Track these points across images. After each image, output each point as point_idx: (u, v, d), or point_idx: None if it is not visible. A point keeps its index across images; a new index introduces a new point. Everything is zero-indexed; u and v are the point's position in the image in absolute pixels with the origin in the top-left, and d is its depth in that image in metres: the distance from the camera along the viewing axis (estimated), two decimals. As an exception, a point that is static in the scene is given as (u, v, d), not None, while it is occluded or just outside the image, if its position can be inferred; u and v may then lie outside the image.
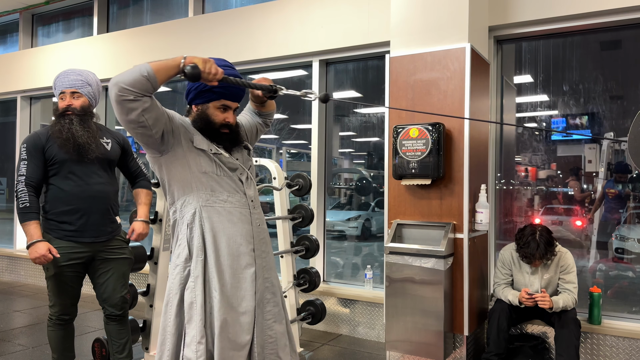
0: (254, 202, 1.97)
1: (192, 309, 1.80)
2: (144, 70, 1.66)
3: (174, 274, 1.86)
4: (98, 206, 2.68)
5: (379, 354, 3.71)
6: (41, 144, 2.62)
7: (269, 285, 1.96)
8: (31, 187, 2.57)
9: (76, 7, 6.34)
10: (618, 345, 3.24)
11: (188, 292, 1.81)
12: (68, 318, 2.74)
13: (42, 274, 5.95)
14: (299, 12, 4.40)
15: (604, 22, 3.41)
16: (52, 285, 2.66)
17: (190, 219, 1.85)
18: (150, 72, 1.67)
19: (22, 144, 2.65)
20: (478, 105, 3.29)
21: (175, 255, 1.87)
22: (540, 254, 3.05)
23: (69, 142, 2.60)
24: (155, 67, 1.68)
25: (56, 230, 2.63)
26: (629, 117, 3.47)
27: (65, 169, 2.63)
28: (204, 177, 1.86)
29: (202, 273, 1.82)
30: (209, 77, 1.74)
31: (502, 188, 3.84)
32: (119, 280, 2.75)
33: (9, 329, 4.18)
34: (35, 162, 2.60)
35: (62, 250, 2.60)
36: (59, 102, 2.70)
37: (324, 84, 4.49)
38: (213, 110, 1.90)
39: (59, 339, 2.75)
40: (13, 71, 6.39)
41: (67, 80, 2.68)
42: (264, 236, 1.98)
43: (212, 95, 1.89)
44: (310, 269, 3.77)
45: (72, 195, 2.63)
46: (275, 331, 1.96)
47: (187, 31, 5.05)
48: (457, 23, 3.18)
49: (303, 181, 3.72)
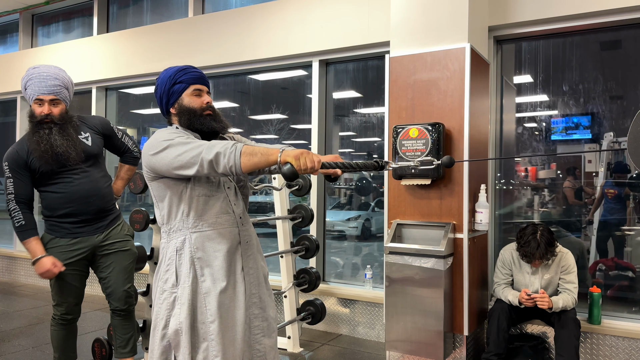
0: (242, 218, 1.96)
1: (178, 336, 1.81)
2: (232, 165, 1.63)
3: (160, 299, 1.86)
4: (92, 204, 2.69)
5: (379, 354, 3.71)
6: (22, 160, 2.58)
7: (256, 301, 1.96)
8: (23, 204, 2.57)
9: (76, 7, 6.34)
10: (618, 345, 3.24)
11: (173, 319, 1.82)
12: (71, 318, 2.75)
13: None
14: (299, 12, 4.40)
15: (604, 22, 3.41)
16: (56, 284, 2.67)
17: (180, 245, 1.85)
18: (237, 169, 1.63)
19: (3, 160, 2.59)
20: (478, 105, 3.29)
21: (163, 280, 1.87)
22: (540, 253, 3.05)
23: (47, 153, 2.54)
24: (245, 165, 1.63)
25: (57, 230, 2.67)
26: (629, 117, 3.47)
27: (52, 176, 2.63)
28: (194, 201, 1.84)
29: (188, 299, 1.81)
30: (306, 172, 1.65)
31: (502, 188, 3.84)
32: (121, 273, 2.76)
33: (9, 329, 4.18)
34: (21, 178, 2.58)
35: (63, 248, 2.63)
36: (35, 107, 2.59)
37: (324, 84, 4.49)
38: (189, 99, 1.90)
39: (61, 339, 2.76)
40: (13, 71, 6.39)
41: (44, 85, 2.56)
42: (252, 252, 1.98)
43: (180, 86, 1.90)
44: (310, 269, 3.77)
45: (65, 199, 2.64)
46: (264, 345, 1.98)
47: (187, 31, 5.05)
48: (457, 23, 3.18)
49: (303, 181, 3.72)
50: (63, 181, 2.64)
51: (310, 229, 4.36)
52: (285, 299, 3.71)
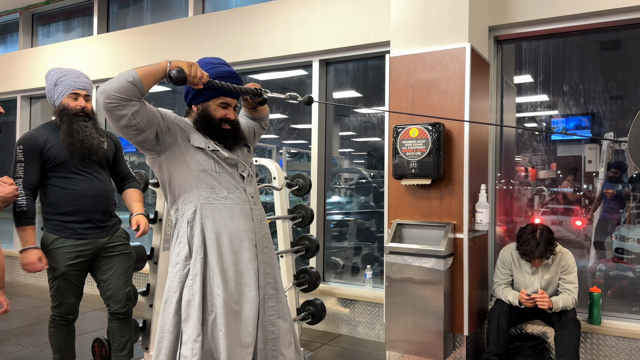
0: (254, 198, 1.98)
1: (189, 307, 1.80)
2: (129, 77, 1.68)
3: (173, 272, 1.86)
4: (100, 204, 2.69)
5: (379, 354, 3.71)
6: (38, 147, 2.58)
7: (270, 281, 1.96)
8: (29, 191, 2.55)
9: (76, 7, 6.34)
10: (618, 345, 3.24)
11: (186, 290, 1.81)
12: (72, 318, 2.74)
13: (40, 274, 5.94)
14: (299, 12, 4.40)
15: (604, 22, 3.41)
16: (58, 285, 2.64)
17: (191, 217, 1.85)
18: (136, 78, 1.68)
19: (17, 144, 2.59)
20: (478, 105, 3.29)
21: (175, 253, 1.87)
22: (539, 252, 3.05)
23: (83, 143, 2.58)
24: (142, 73, 1.70)
25: (63, 230, 2.62)
26: (629, 117, 3.47)
27: (66, 169, 2.62)
28: (203, 174, 1.86)
29: (201, 271, 1.82)
30: (194, 81, 1.76)
31: (502, 188, 3.84)
32: (121, 276, 2.75)
33: (9, 329, 4.18)
34: (33, 165, 2.57)
35: (69, 249, 2.60)
36: (69, 101, 2.64)
37: (324, 84, 4.49)
38: (214, 107, 1.91)
39: (62, 340, 2.75)
40: (13, 71, 6.39)
41: (79, 81, 2.67)
42: (265, 232, 1.99)
43: (211, 92, 1.90)
44: (310, 269, 3.77)
45: (75, 195, 2.62)
46: (279, 327, 1.96)
47: (187, 31, 5.05)
48: (457, 23, 3.18)
49: (303, 181, 3.72)
50: (76, 177, 2.62)
51: (310, 229, 4.36)
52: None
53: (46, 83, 2.70)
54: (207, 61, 1.94)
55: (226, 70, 1.93)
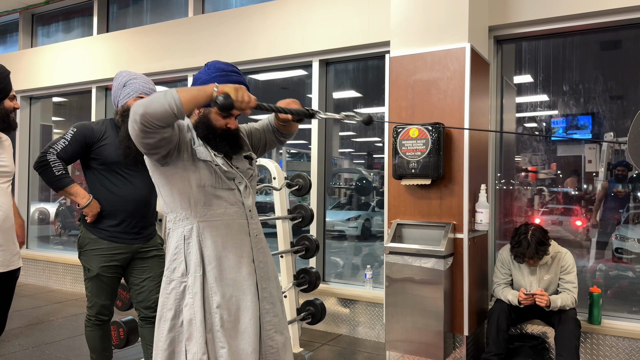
0: (252, 212, 1.93)
1: (191, 326, 1.77)
2: (172, 103, 1.57)
3: (168, 289, 1.82)
4: (141, 210, 2.66)
5: (379, 354, 3.71)
6: (92, 138, 2.58)
7: (267, 296, 1.93)
8: (62, 161, 2.56)
9: (76, 7, 6.34)
10: (618, 345, 3.24)
11: (187, 309, 1.78)
12: (107, 318, 2.74)
13: (40, 274, 5.95)
14: (298, 12, 4.40)
15: (604, 22, 3.41)
16: (92, 286, 2.64)
17: (188, 234, 1.81)
18: (179, 106, 1.59)
19: (73, 127, 2.59)
20: (478, 105, 3.29)
21: (171, 270, 1.83)
22: (530, 253, 3.06)
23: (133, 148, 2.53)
24: (185, 99, 1.60)
25: (100, 231, 2.61)
26: (629, 117, 3.47)
27: (115, 170, 2.60)
28: (202, 191, 1.81)
29: (200, 289, 1.78)
30: (242, 106, 1.68)
31: (502, 188, 3.84)
32: (154, 281, 2.71)
33: (9, 329, 4.18)
34: (75, 149, 2.56)
35: (105, 251, 2.59)
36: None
37: (323, 84, 4.49)
38: (215, 115, 1.84)
39: (97, 339, 2.74)
40: (13, 71, 6.33)
41: (147, 87, 2.61)
42: (261, 246, 1.95)
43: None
44: (310, 269, 3.77)
45: (117, 197, 2.60)
46: (277, 341, 1.94)
47: (187, 31, 5.05)
48: (457, 23, 3.18)
49: (303, 181, 3.72)
50: (122, 180, 2.61)
51: (310, 229, 4.36)
52: (285, 299, 3.71)
53: (114, 82, 2.67)
54: (217, 67, 1.86)
55: (237, 81, 1.85)
